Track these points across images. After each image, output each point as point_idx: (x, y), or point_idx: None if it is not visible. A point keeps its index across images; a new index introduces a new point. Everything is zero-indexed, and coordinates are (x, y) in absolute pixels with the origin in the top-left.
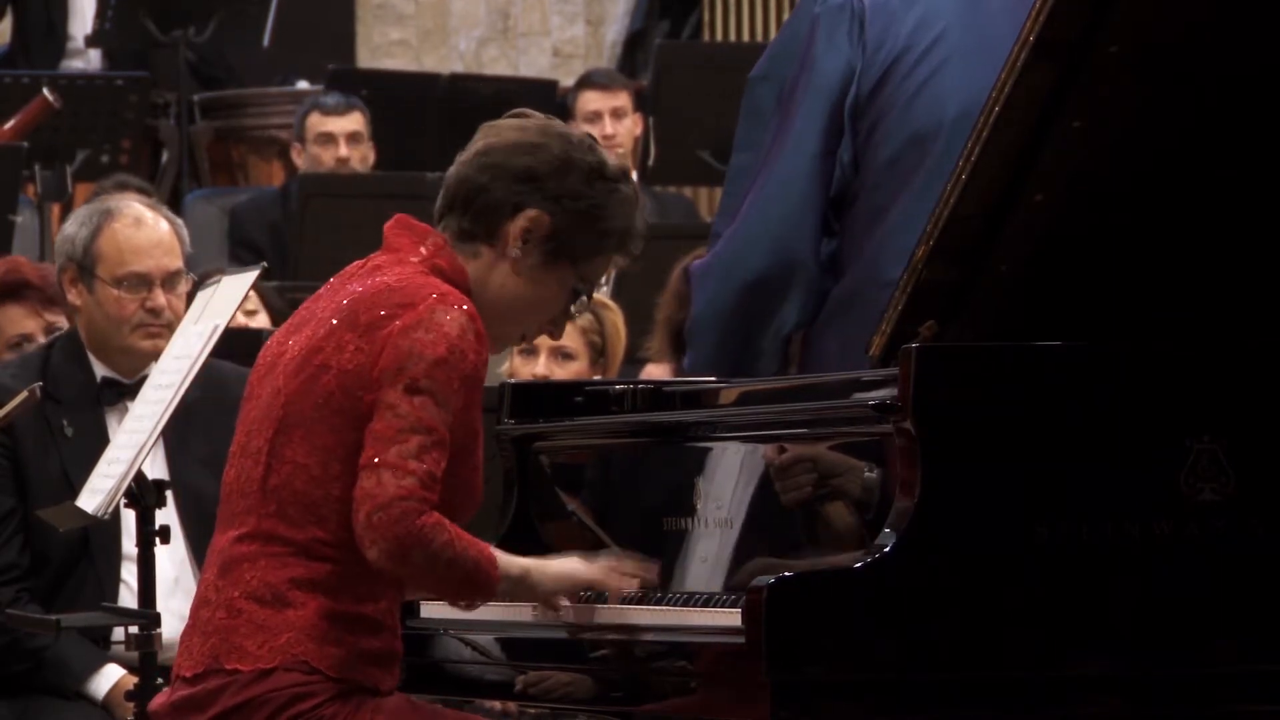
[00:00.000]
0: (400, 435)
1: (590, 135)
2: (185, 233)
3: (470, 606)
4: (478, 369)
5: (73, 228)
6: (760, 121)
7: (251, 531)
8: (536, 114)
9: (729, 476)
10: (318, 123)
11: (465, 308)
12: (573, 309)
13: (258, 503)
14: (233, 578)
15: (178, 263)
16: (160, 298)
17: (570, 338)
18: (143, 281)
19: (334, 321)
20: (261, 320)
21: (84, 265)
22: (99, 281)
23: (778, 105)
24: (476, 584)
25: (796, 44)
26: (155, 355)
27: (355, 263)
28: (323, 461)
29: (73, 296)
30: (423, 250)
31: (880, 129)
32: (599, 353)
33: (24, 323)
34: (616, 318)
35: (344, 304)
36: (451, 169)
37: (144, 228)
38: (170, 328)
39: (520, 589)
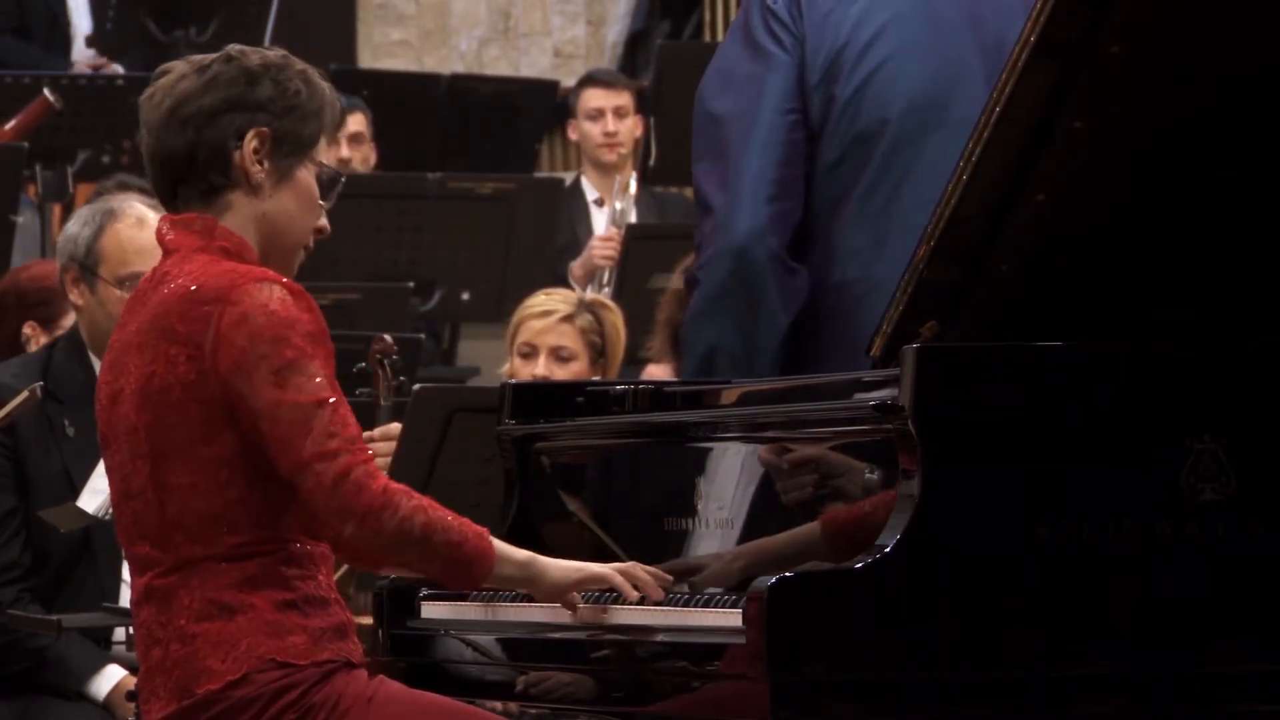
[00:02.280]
0: (302, 429)
1: (237, 45)
2: (154, 233)
3: (469, 585)
4: (316, 323)
5: (75, 227)
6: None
7: (171, 565)
8: (174, 62)
9: (730, 477)
10: None
11: (269, 277)
12: (325, 200)
13: (164, 538)
14: (174, 608)
15: None
16: None
17: (570, 338)
18: None
19: (154, 340)
20: None
21: (86, 265)
22: (101, 281)
23: (733, 98)
24: (465, 555)
25: (742, 44)
26: None
27: (143, 278)
28: (210, 474)
29: (75, 296)
30: (197, 239)
31: (825, 129)
32: (599, 353)
33: None
34: (616, 318)
35: (153, 320)
36: (146, 151)
37: (146, 228)
38: None
39: (526, 575)
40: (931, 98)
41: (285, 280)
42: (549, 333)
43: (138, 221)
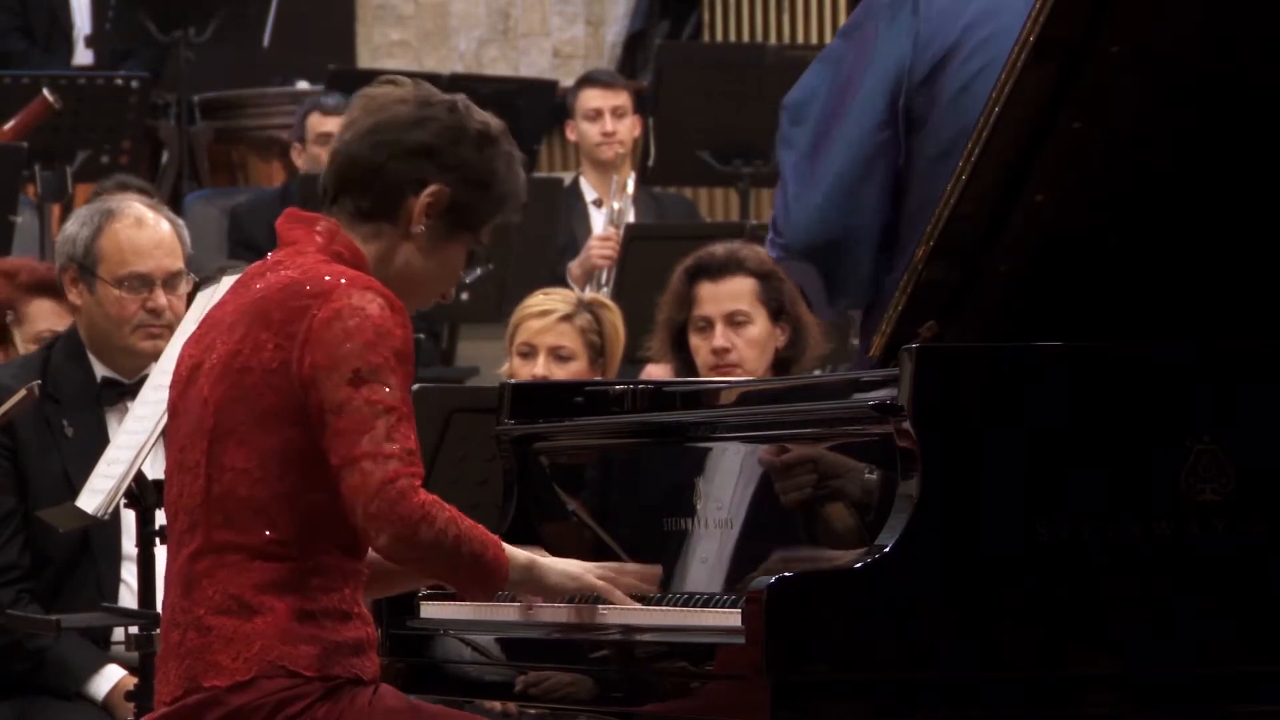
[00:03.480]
0: (364, 425)
1: (465, 97)
2: (186, 233)
3: (485, 595)
4: (406, 343)
5: (74, 227)
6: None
7: (203, 546)
8: (405, 80)
9: (729, 477)
10: (318, 123)
11: (374, 287)
12: (465, 274)
13: (204, 516)
14: (196, 596)
15: (179, 263)
16: (161, 298)
17: (569, 338)
18: (144, 282)
19: (247, 323)
20: None
21: (85, 265)
22: (100, 281)
23: (834, 92)
24: (485, 566)
25: (858, 33)
26: (155, 355)
27: (255, 264)
28: (263, 464)
29: (73, 296)
30: (318, 239)
31: (931, 122)
32: (598, 353)
33: (52, 319)
34: (615, 318)
35: (252, 304)
36: (338, 147)
37: (145, 228)
38: (171, 328)
39: (528, 579)
40: None
41: (388, 293)
42: (548, 332)
43: (136, 221)
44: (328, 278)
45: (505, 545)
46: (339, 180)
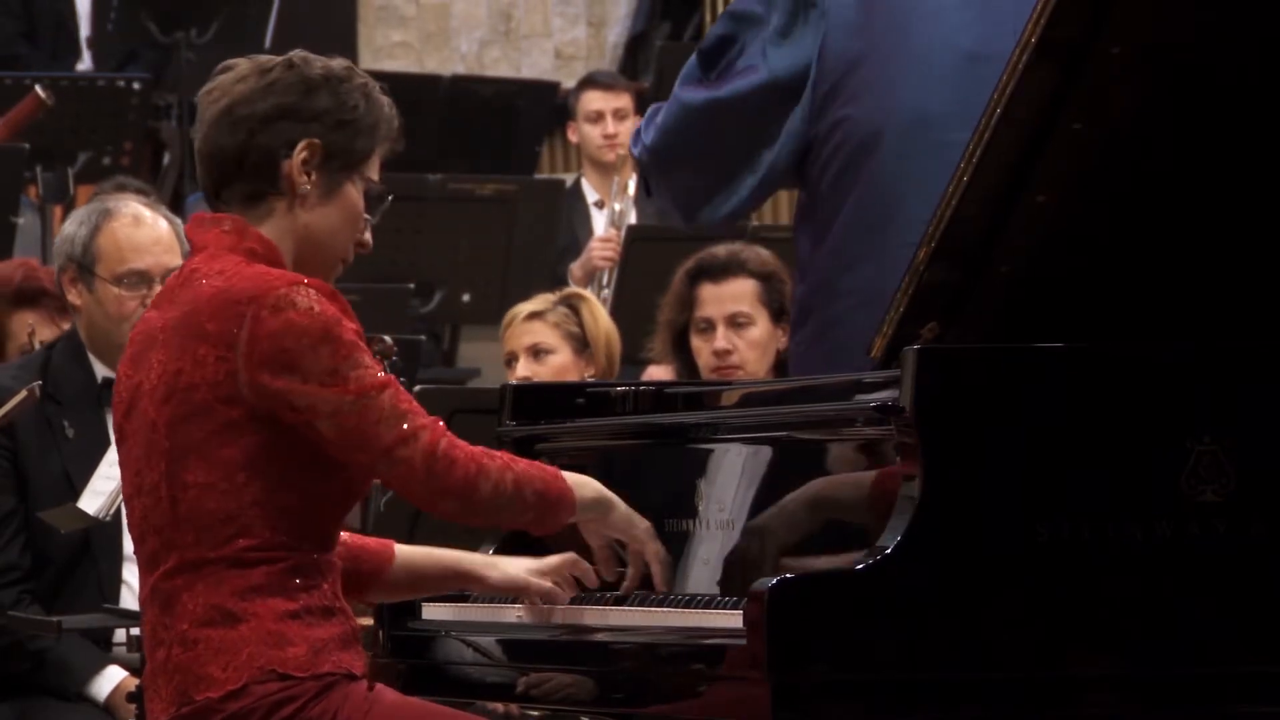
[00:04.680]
0: (373, 414)
1: (301, 51)
2: (184, 231)
3: (559, 524)
4: (355, 321)
5: (72, 227)
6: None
7: (178, 564)
8: (238, 60)
9: (731, 478)
10: None
11: (306, 282)
12: (371, 215)
13: (174, 536)
14: (176, 612)
15: (177, 260)
16: None
17: (542, 333)
18: (143, 279)
19: (181, 338)
20: None
21: (84, 264)
22: (99, 280)
23: (732, 50)
24: (551, 499)
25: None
26: None
27: (170, 277)
28: (227, 474)
29: (73, 296)
30: (227, 239)
31: (831, 140)
32: (582, 344)
33: (38, 329)
34: (593, 306)
35: (183, 318)
36: (197, 146)
37: (143, 226)
38: None
39: (599, 504)
40: (931, 116)
41: (317, 282)
42: (521, 334)
43: (134, 219)
44: (254, 281)
45: (565, 474)
46: (214, 177)
